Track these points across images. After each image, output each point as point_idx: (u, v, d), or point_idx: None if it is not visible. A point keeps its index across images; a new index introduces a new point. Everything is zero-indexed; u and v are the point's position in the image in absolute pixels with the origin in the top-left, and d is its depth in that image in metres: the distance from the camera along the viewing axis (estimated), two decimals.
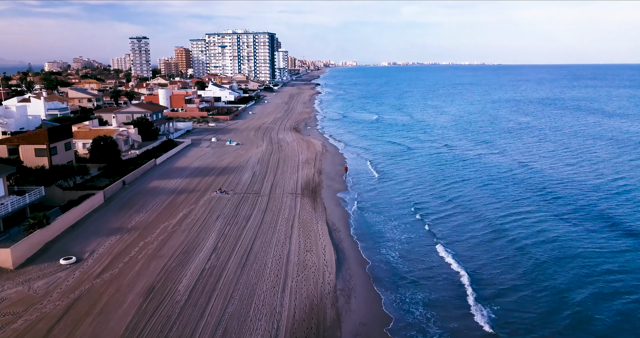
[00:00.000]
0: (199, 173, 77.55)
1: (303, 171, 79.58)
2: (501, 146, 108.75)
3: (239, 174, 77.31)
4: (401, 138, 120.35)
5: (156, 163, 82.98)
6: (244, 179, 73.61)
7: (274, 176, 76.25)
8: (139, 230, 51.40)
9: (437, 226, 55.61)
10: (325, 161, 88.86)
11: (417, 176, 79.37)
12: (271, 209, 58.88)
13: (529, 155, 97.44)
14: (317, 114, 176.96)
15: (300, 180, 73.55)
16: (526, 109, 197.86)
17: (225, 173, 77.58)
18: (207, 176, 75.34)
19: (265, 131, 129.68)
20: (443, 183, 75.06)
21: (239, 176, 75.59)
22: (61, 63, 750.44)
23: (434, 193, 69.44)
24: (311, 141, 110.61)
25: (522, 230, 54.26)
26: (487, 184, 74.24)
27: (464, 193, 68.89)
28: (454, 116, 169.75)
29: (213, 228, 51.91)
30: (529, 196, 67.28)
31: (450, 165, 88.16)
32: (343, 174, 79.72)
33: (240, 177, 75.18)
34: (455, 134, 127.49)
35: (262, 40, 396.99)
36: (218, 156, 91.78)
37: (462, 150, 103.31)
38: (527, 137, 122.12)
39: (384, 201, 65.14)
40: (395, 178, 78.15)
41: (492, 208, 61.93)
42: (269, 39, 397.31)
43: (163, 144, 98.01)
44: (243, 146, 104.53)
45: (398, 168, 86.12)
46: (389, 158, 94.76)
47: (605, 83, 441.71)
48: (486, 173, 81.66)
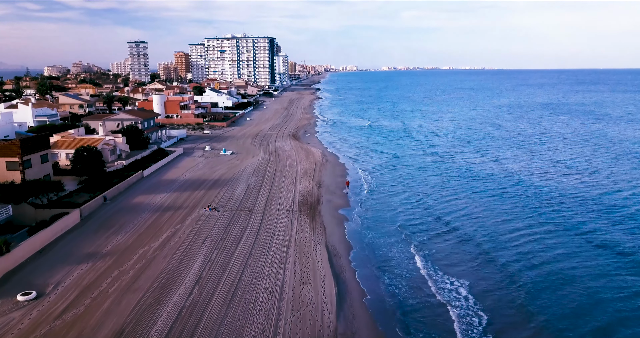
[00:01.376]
0: (188, 186, 71.82)
1: (301, 184, 73.87)
2: (509, 155, 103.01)
3: (232, 187, 71.59)
4: (405, 149, 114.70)
5: (143, 175, 77.28)
6: (237, 194, 67.88)
7: (269, 189, 70.53)
8: (114, 255, 45.61)
9: (449, 251, 49.84)
10: (325, 172, 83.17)
11: (425, 190, 73.61)
12: (265, 229, 53.11)
13: (538, 165, 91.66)
14: (317, 120, 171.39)
15: (298, 194, 67.83)
16: (530, 115, 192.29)
17: (217, 186, 71.87)
18: (198, 190, 69.62)
19: (262, 138, 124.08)
20: (450, 197, 69.31)
21: (232, 190, 69.87)
22: (61, 67, 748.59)
23: (444, 210, 63.65)
24: (310, 150, 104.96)
25: (541, 256, 48.48)
26: (500, 198, 68.47)
27: (472, 211, 63.10)
28: (456, 123, 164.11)
29: (198, 254, 46.13)
30: (543, 213, 61.51)
31: (458, 177, 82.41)
32: (344, 187, 73.98)
33: (233, 191, 69.46)
34: (459, 142, 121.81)
35: (261, 45, 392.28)
36: (211, 167, 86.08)
37: (466, 160, 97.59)
38: (534, 145, 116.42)
39: (389, 220, 59.35)
40: (401, 193, 72.38)
41: (506, 231, 56.13)
42: (269, 43, 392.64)
43: (153, 154, 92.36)
44: (238, 155, 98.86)
45: (403, 181, 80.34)
46: (393, 170, 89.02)
47: (608, 88, 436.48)
48: (497, 184, 75.89)
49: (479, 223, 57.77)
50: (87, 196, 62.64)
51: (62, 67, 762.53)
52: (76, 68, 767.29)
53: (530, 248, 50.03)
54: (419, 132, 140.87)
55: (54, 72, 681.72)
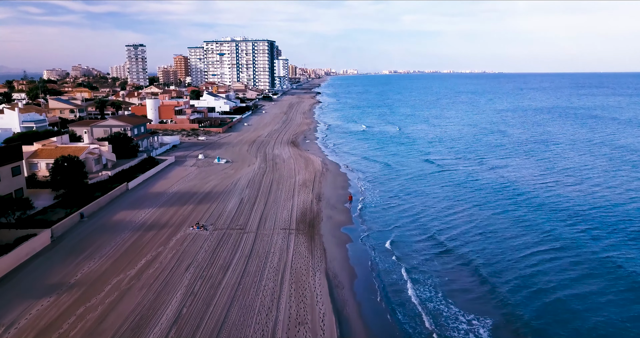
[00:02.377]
0: (177, 200, 66.03)
1: (299, 197, 68.08)
2: (516, 164, 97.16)
3: (224, 201, 65.80)
4: (409, 157, 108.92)
5: (128, 187, 71.52)
6: (229, 209, 62.08)
7: (264, 203, 64.74)
8: (83, 286, 39.78)
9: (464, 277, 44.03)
10: (326, 183, 77.40)
11: (433, 204, 67.78)
12: (257, 253, 47.28)
13: (547, 176, 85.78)
14: (317, 125, 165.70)
15: (295, 209, 62.03)
16: (536, 119, 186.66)
17: (208, 200, 66.08)
18: (186, 204, 63.83)
19: (260, 145, 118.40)
20: (457, 211, 63.48)
21: (224, 204, 64.08)
22: (60, 71, 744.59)
23: (454, 227, 57.81)
24: (310, 158, 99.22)
25: (551, 284, 42.64)
26: (509, 214, 62.64)
27: (478, 227, 57.26)
28: (459, 129, 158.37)
29: (180, 285, 40.29)
30: (553, 230, 55.67)
31: (463, 188, 76.58)
32: (346, 201, 68.17)
33: (225, 205, 63.67)
34: (463, 149, 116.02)
35: (261, 48, 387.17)
36: (203, 178, 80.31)
37: (470, 169, 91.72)
38: (543, 152, 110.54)
39: (401, 239, 53.51)
40: (408, 208, 66.54)
41: (530, 252, 50.31)
42: (269, 46, 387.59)
43: (142, 163, 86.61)
44: (233, 164, 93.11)
45: (409, 193, 74.53)
46: (397, 181, 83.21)
47: (612, 91, 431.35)
48: (504, 197, 70.06)
49: (487, 243, 51.92)
50: (63, 212, 56.88)
51: (62, 70, 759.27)
52: (75, 71, 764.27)
53: (539, 275, 44.18)
54: (422, 138, 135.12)
55: (53, 75, 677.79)
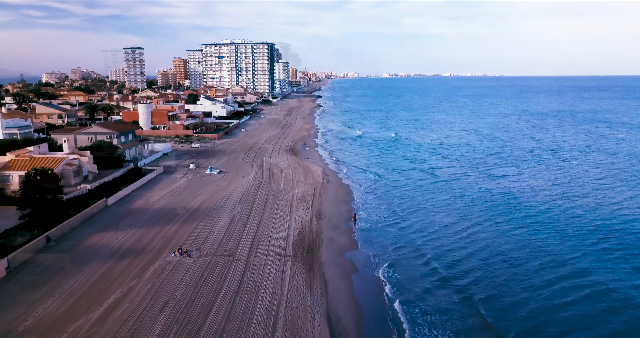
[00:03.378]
0: (160, 218, 59.12)
1: (297, 215, 61.16)
2: (528, 175, 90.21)
3: (213, 219, 58.88)
4: (419, 163, 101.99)
5: (108, 203, 64.59)
6: (218, 229, 55.16)
7: (258, 223, 57.79)
8: (33, 336, 32.81)
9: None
10: (327, 197, 70.51)
11: (443, 220, 60.81)
12: (246, 288, 40.30)
13: (562, 187, 78.81)
14: (317, 130, 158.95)
15: (292, 230, 55.11)
16: (543, 124, 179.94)
17: (195, 218, 59.16)
18: (170, 224, 56.91)
19: (256, 153, 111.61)
20: (470, 230, 56.53)
21: (212, 224, 57.16)
22: (59, 74, 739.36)
23: (470, 250, 50.85)
24: (310, 168, 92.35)
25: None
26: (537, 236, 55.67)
27: (495, 250, 50.29)
28: (464, 134, 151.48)
29: (151, 332, 33.32)
30: (573, 253, 48.71)
31: (470, 201, 69.64)
32: (349, 219, 61.22)
33: (214, 225, 56.74)
34: (468, 157, 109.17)
35: (260, 51, 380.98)
36: (192, 191, 73.41)
37: (477, 180, 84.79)
38: (555, 160, 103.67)
39: (410, 267, 46.54)
40: (421, 228, 59.56)
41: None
42: (268, 49, 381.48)
43: (127, 174, 79.76)
44: (226, 175, 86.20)
45: (419, 207, 67.55)
46: (405, 194, 76.26)
47: (617, 95, 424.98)
48: (520, 210, 63.08)
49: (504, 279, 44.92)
50: (28, 235, 50.03)
51: (61, 73, 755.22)
52: (74, 74, 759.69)
53: (554, 314, 37.22)
54: (424, 145, 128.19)
55: (52, 78, 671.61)
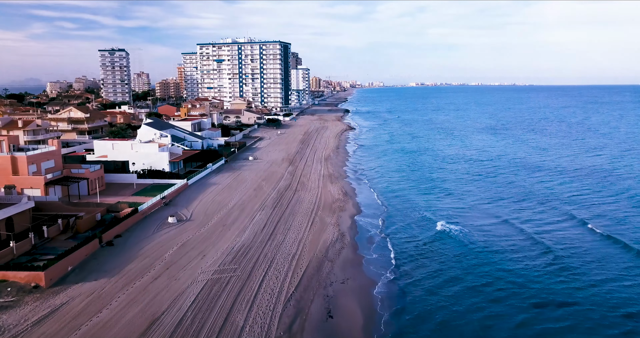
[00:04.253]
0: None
1: None
2: None
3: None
4: None
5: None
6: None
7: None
8: None
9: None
10: None
11: None
12: None
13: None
14: (356, 204, 66.33)
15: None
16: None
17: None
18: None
19: None
20: None
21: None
22: (64, 83, 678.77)
23: None
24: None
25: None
26: None
27: None
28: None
29: None
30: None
31: None
32: None
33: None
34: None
35: (271, 53, 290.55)
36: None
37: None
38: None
39: None
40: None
41: None
42: (281, 50, 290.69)
43: None
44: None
45: None
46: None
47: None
48: None
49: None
50: None
51: (66, 82, 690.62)
52: (78, 83, 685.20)
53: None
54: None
55: (55, 88, 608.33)
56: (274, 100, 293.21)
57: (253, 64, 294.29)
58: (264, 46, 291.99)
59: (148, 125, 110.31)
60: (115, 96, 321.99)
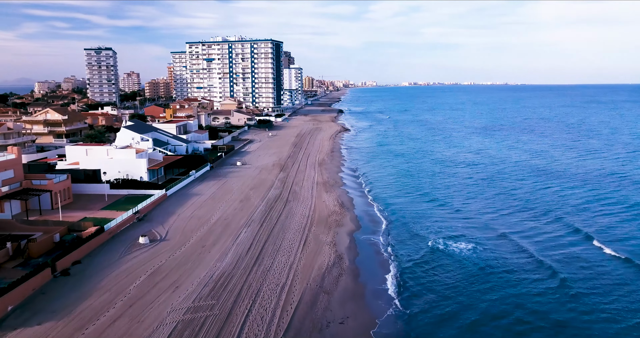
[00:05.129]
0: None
1: None
2: None
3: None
4: None
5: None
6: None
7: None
8: None
9: None
10: None
11: None
12: None
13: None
14: (363, 222, 58.92)
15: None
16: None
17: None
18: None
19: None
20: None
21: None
22: (53, 83, 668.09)
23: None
24: None
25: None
26: None
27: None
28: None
29: None
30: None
31: None
32: None
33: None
34: None
35: (262, 51, 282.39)
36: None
37: None
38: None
39: None
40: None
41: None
42: (273, 48, 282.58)
43: None
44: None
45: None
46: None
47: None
48: None
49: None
50: None
51: (55, 82, 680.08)
52: (67, 83, 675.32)
53: None
54: None
55: (44, 88, 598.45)
56: (266, 100, 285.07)
57: (244, 63, 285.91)
58: (255, 45, 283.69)
59: (128, 128, 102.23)
60: (102, 97, 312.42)
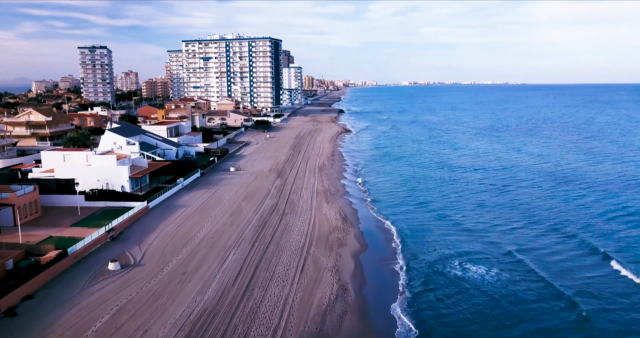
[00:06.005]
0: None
1: None
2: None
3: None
4: None
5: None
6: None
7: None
8: None
9: None
10: None
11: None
12: None
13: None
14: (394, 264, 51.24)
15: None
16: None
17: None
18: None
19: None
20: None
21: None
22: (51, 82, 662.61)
23: None
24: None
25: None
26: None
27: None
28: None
29: None
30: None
31: None
32: None
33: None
34: None
35: (261, 50, 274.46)
36: None
37: None
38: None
39: None
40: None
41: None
42: (272, 47, 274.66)
43: None
44: None
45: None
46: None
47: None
48: None
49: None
50: None
51: (53, 82, 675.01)
52: (65, 83, 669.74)
53: None
54: None
55: (41, 88, 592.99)
56: (264, 100, 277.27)
57: (242, 61, 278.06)
58: (253, 43, 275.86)
59: (113, 131, 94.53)
60: (96, 96, 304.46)
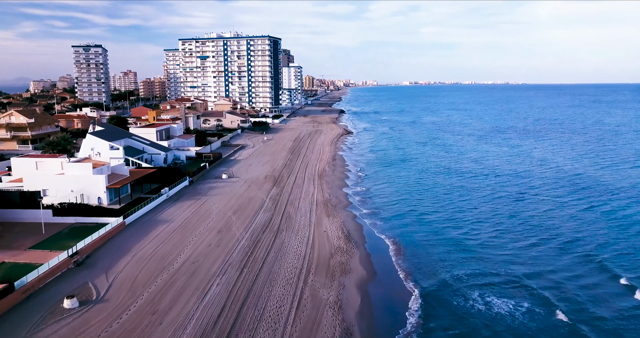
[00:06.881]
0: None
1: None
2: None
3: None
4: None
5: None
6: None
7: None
8: None
9: None
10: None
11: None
12: None
13: None
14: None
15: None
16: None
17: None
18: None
19: None
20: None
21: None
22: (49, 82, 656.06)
23: None
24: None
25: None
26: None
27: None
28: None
29: None
30: None
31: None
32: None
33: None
34: None
35: (259, 49, 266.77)
36: None
37: None
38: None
39: None
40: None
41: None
42: (271, 45, 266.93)
43: None
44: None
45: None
46: None
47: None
48: None
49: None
50: None
51: (51, 81, 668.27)
52: (62, 82, 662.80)
53: None
54: None
55: (38, 87, 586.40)
56: (263, 100, 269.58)
57: (240, 60, 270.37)
58: (252, 41, 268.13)
59: (95, 135, 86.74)
60: (91, 96, 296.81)
